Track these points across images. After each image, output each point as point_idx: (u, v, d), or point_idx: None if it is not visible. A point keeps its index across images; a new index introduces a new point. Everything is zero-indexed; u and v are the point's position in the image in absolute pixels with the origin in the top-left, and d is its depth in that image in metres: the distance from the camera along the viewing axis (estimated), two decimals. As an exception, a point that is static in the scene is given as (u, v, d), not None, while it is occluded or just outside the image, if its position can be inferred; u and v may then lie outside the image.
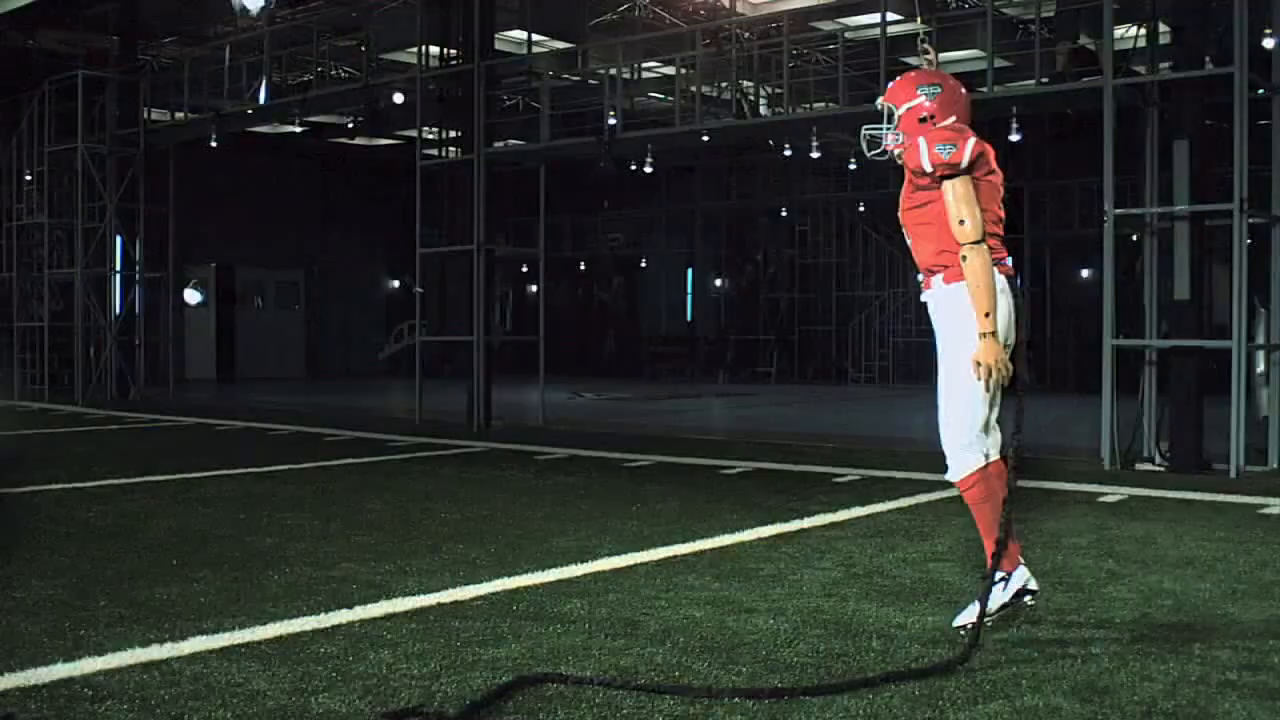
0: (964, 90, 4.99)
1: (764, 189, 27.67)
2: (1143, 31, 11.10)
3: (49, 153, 20.27)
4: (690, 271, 30.85)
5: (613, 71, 15.77)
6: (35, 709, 3.81)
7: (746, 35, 17.17)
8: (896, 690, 4.04)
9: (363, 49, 18.21)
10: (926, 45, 5.33)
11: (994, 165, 4.85)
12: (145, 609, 5.16)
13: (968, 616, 4.79)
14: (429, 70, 16.73)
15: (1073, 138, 20.99)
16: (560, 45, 18.25)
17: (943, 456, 4.97)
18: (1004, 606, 4.79)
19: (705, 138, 15.24)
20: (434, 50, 17.26)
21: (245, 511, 8.01)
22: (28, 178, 20.89)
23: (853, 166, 23.53)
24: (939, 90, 4.90)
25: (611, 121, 15.53)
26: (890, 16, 13.27)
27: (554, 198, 16.82)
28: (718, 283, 30.58)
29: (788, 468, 10.70)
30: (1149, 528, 7.46)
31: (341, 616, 5.03)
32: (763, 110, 17.01)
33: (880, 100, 5.04)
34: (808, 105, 16.80)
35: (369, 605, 5.23)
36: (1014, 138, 14.43)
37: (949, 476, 4.97)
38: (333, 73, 20.04)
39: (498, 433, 14.30)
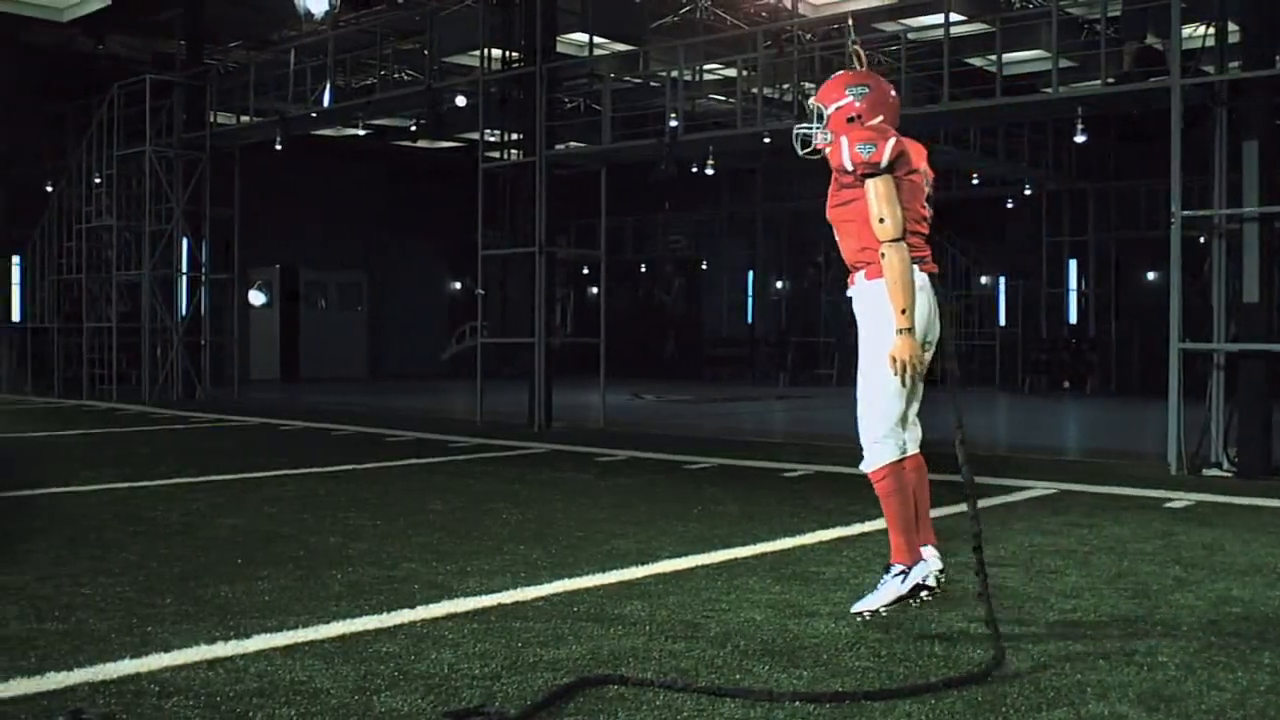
0: (893, 92, 5.18)
1: (825, 191, 27.46)
2: (1211, 30, 10.95)
3: (117, 156, 20.58)
4: (751, 273, 30.77)
5: (674, 74, 15.78)
6: (103, 704, 3.86)
7: (808, 37, 17.13)
8: (959, 696, 4.00)
9: (425, 52, 18.33)
10: (857, 47, 5.47)
11: (917, 165, 5.01)
12: (210, 606, 5.22)
13: (866, 604, 5.00)
14: (491, 73, 16.80)
15: (1139, 139, 20.75)
16: (621, 48, 18.28)
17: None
18: (900, 599, 4.99)
19: (766, 139, 15.19)
20: (496, 53, 17.34)
21: (309, 511, 8.09)
22: (97, 181, 21.20)
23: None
24: (867, 91, 5.07)
25: (673, 123, 15.55)
26: (954, 17, 13.18)
27: (615, 200, 16.85)
28: (779, 285, 30.50)
29: (848, 471, 10.59)
30: (1217, 534, 7.36)
31: (403, 616, 5.06)
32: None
33: (811, 100, 5.21)
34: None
35: (431, 605, 5.26)
36: (1079, 139, 14.30)
37: (862, 468, 5.13)
38: (396, 76, 20.19)
39: (558, 434, 14.34)
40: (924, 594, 5.02)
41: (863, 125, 4.99)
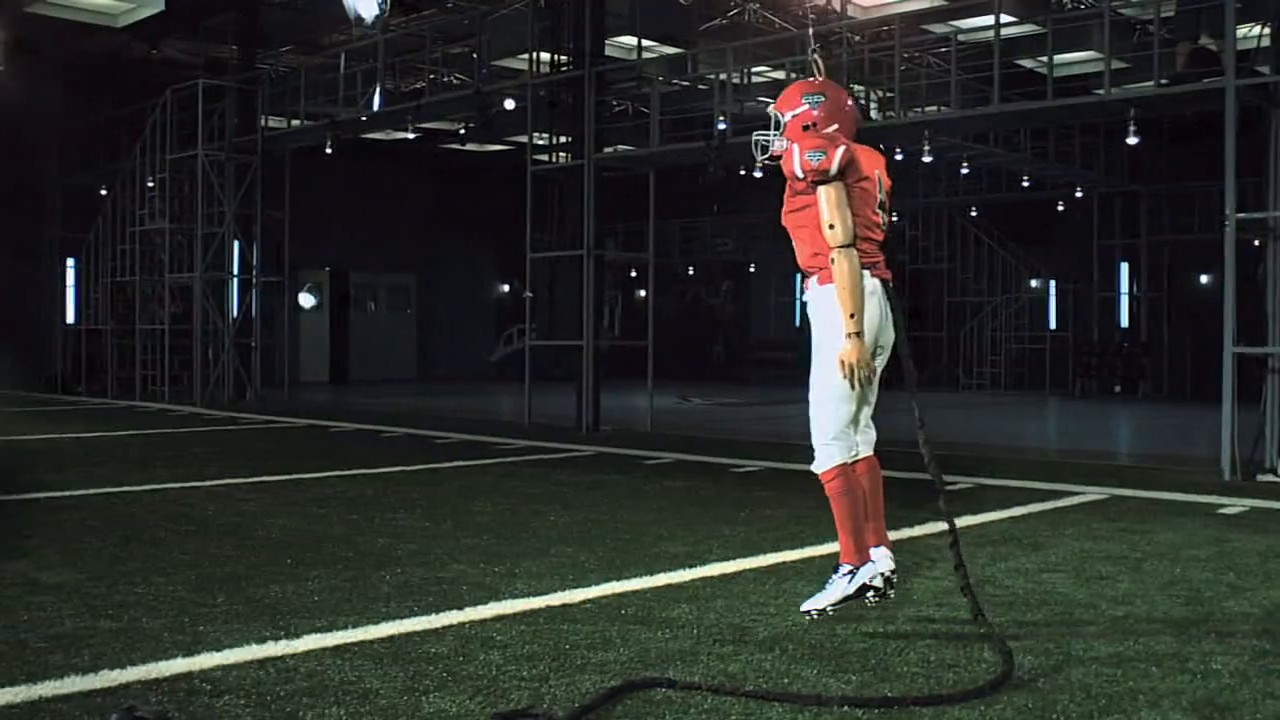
0: (849, 100, 5.30)
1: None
2: (1266, 30, 10.83)
3: (170, 160, 20.79)
4: (798, 276, 30.66)
5: (722, 76, 15.76)
6: (156, 701, 3.90)
7: (857, 38, 17.05)
8: (1009, 702, 3.98)
9: (475, 56, 18.39)
10: (816, 55, 5.55)
11: (868, 172, 5.11)
12: (261, 606, 5.26)
13: (814, 603, 5.05)
14: (540, 76, 16.84)
15: (1192, 140, 20.54)
16: (670, 50, 18.28)
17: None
18: (847, 599, 5.04)
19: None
20: (544, 57, 17.37)
21: (357, 512, 8.14)
22: (150, 184, 21.43)
23: (964, 170, 23.27)
24: (823, 99, 5.20)
25: (721, 126, 15.52)
26: (1005, 18, 13.09)
27: (663, 203, 16.84)
28: (827, 288, 30.38)
29: (897, 475, 10.52)
30: (1271, 541, 7.27)
31: (452, 617, 5.08)
32: (874, 114, 16.88)
33: (770, 107, 5.34)
34: (919, 109, 16.63)
35: (479, 606, 5.29)
36: (1131, 140, 14.16)
37: (814, 468, 5.24)
38: (445, 79, 20.27)
39: (606, 437, 14.35)
40: (871, 594, 5.08)
41: (816, 133, 5.06)
